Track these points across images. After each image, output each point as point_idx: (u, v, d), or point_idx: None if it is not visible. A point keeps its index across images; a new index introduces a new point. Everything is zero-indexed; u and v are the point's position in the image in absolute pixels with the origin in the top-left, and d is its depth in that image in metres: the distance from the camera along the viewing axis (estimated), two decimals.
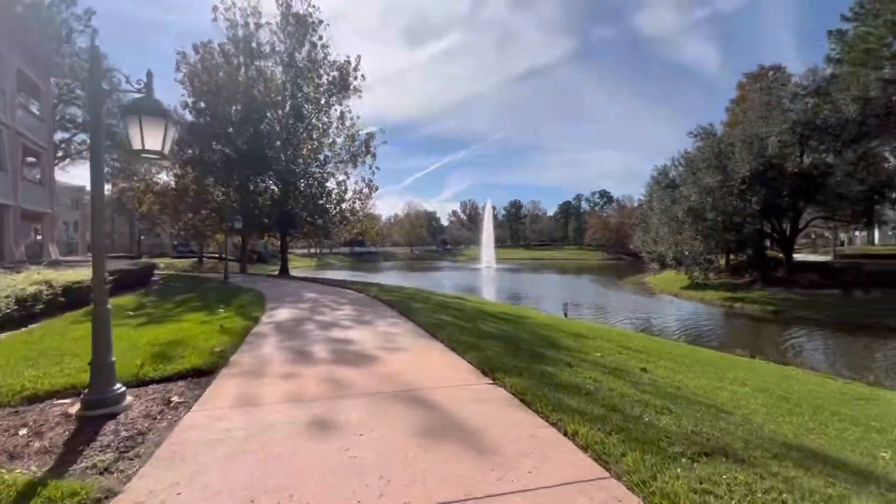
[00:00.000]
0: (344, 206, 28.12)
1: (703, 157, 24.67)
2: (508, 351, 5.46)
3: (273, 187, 27.80)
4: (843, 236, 49.48)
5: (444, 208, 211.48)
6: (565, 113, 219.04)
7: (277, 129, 26.64)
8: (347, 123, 27.42)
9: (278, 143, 26.51)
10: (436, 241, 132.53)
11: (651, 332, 16.53)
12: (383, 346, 5.69)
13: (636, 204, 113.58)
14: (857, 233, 46.71)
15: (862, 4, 27.94)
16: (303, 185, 27.15)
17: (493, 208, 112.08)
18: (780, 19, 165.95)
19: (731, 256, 29.03)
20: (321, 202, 27.18)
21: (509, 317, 10.47)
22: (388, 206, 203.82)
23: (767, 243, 28.89)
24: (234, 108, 25.15)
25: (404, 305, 9.85)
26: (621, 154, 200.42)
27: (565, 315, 16.16)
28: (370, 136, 27.09)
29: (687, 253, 25.16)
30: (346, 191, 27.94)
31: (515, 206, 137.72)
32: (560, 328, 9.42)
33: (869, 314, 18.86)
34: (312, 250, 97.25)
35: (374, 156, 27.56)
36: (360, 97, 26.59)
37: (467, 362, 4.85)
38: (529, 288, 36.66)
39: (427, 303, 10.97)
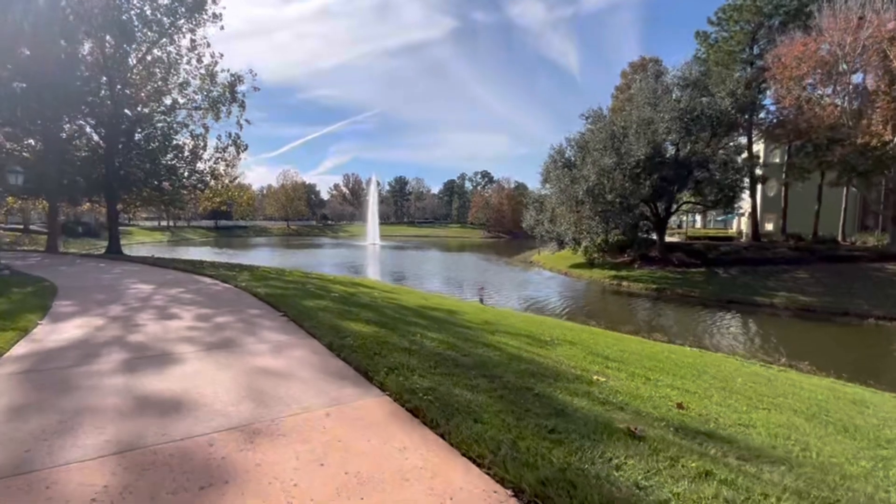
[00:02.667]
0: (201, 166, 22.30)
1: (599, 138, 24.97)
2: (514, 414, 2.91)
3: (94, 136, 20.66)
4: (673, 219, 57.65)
5: (324, 181, 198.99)
6: (444, 93, 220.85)
7: (97, 54, 19.58)
8: (205, 60, 21.47)
9: (104, 78, 19.53)
10: (315, 215, 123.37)
11: (555, 312, 15.67)
12: (264, 419, 2.66)
13: (513, 185, 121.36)
14: (685, 217, 54.47)
15: (724, 10, 31.00)
16: (139, 135, 20.62)
17: (378, 184, 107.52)
18: (630, 24, 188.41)
19: (609, 237, 30.79)
20: (167, 160, 21.03)
21: (441, 315, 7.96)
22: (259, 176, 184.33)
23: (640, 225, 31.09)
24: (19, 17, 17.46)
25: (292, 304, 6.65)
26: (494, 137, 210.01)
27: (481, 301, 14.32)
28: (236, 78, 21.58)
29: (585, 233, 25.58)
30: (203, 147, 22.09)
31: (400, 183, 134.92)
32: (535, 336, 7.25)
33: (735, 290, 20.93)
34: (164, 223, 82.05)
35: (242, 105, 22.16)
36: (220, 25, 20.81)
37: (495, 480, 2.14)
38: (423, 267, 34.74)
39: (324, 297, 7.83)
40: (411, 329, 5.66)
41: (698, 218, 54.15)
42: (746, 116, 24.85)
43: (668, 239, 36.26)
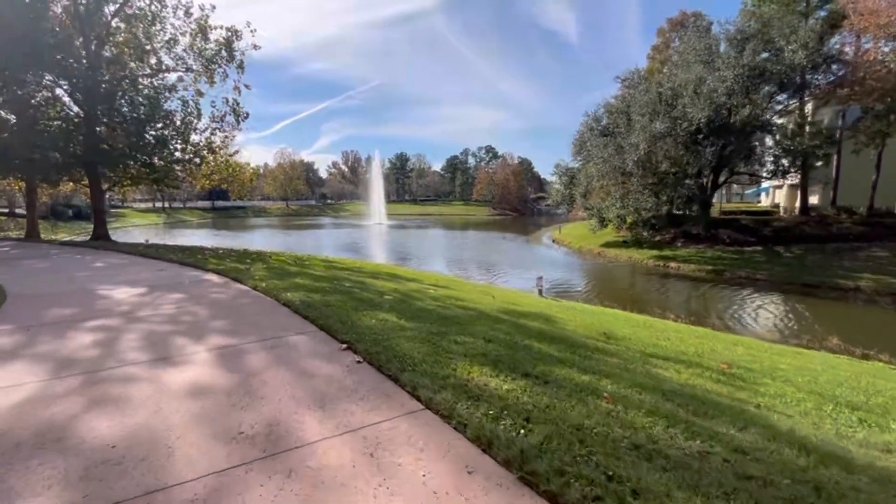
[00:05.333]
0: (196, 138, 19.42)
1: (643, 101, 22.04)
2: None
3: (70, 103, 17.74)
4: None
5: (321, 160, 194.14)
6: (440, 67, 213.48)
7: (68, 3, 16.52)
8: (194, 13, 18.35)
9: (80, 39, 16.52)
10: (314, 194, 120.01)
11: (625, 305, 13.21)
12: None
13: (517, 160, 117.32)
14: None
15: None
16: (122, 102, 17.69)
17: (381, 162, 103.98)
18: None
19: (625, 213, 27.95)
20: (155, 130, 18.17)
21: (544, 328, 5.49)
22: (251, 156, 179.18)
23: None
24: None
25: (347, 323, 4.14)
26: (493, 112, 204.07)
27: (540, 293, 11.84)
28: (233, 33, 18.50)
29: (632, 208, 22.89)
30: (197, 116, 19.16)
31: (401, 160, 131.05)
32: (706, 364, 4.80)
33: (809, 272, 18.49)
34: (159, 204, 78.90)
35: (241, 66, 19.16)
36: None
37: None
38: (443, 249, 32.26)
39: (379, 305, 5.30)
40: (550, 370, 3.20)
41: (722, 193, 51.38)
42: (820, 75, 21.81)
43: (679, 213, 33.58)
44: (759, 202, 45.82)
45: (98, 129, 17.31)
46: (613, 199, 23.68)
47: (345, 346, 3.67)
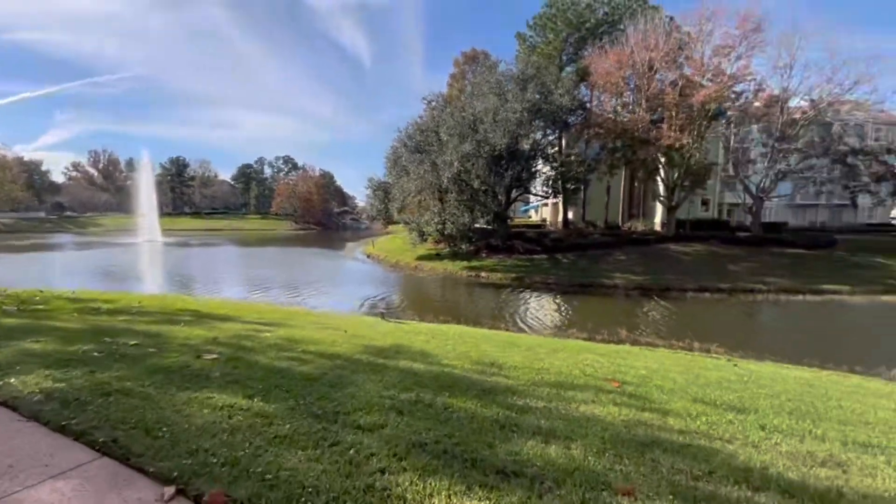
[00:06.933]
0: None
1: (453, 123, 23.64)
2: None
3: None
4: None
5: (53, 159, 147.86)
6: (226, 66, 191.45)
7: None
8: None
9: None
10: (44, 204, 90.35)
11: (458, 319, 13.50)
12: None
13: (318, 173, 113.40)
14: None
15: (539, 18, 33.76)
16: None
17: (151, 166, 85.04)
18: (415, 18, 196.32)
19: (444, 227, 30.29)
20: None
21: (426, 369, 4.61)
22: None
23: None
24: None
25: (176, 438, 2.36)
26: (290, 121, 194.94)
27: (383, 317, 10.83)
28: None
29: (450, 223, 23.92)
30: None
31: (178, 165, 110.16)
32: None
33: (584, 274, 22.67)
34: None
35: None
36: None
37: None
38: (246, 269, 27.80)
39: (206, 380, 3.49)
40: (512, 450, 2.39)
41: None
42: (574, 116, 27.46)
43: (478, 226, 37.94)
44: (530, 217, 55.29)
45: None
46: (433, 214, 24.61)
47: (172, 490, 1.94)
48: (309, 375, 3.91)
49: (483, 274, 24.00)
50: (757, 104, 27.79)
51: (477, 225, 30.64)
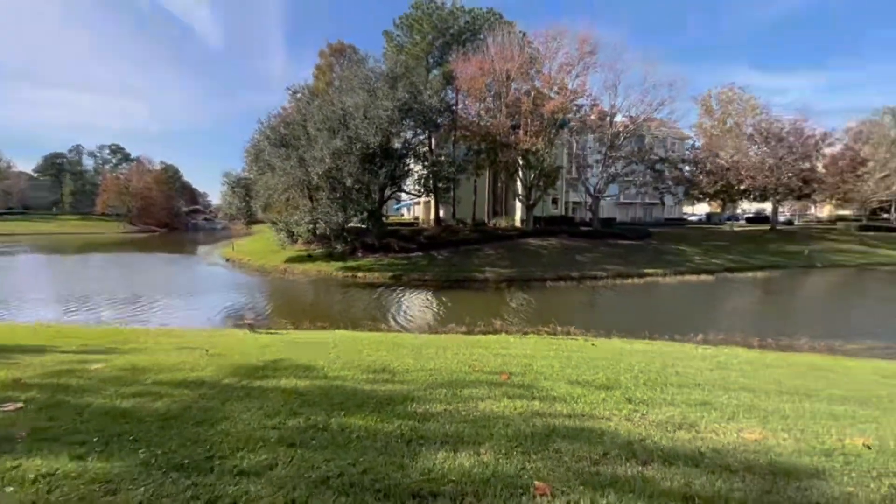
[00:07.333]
0: None
1: (322, 117, 22.36)
2: None
3: None
4: None
5: None
6: (23, 32, 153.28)
7: None
8: None
9: None
10: None
11: (338, 322, 12.93)
12: None
13: (159, 166, 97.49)
14: None
15: (406, 18, 34.07)
16: None
17: None
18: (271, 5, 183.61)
19: (316, 227, 28.81)
20: None
21: (307, 387, 4.30)
22: None
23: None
24: None
25: None
26: (120, 104, 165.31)
27: (251, 329, 9.66)
28: None
29: (322, 222, 22.37)
30: None
31: None
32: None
33: (458, 270, 23.59)
34: None
35: None
36: None
37: None
38: (68, 282, 22.31)
39: (55, 439, 2.66)
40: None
41: None
42: (442, 118, 28.32)
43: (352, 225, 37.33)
44: (403, 215, 55.85)
45: None
46: (303, 213, 22.93)
47: None
48: (165, 414, 3.21)
49: (360, 274, 23.36)
50: (592, 117, 32.52)
51: (351, 224, 29.74)
